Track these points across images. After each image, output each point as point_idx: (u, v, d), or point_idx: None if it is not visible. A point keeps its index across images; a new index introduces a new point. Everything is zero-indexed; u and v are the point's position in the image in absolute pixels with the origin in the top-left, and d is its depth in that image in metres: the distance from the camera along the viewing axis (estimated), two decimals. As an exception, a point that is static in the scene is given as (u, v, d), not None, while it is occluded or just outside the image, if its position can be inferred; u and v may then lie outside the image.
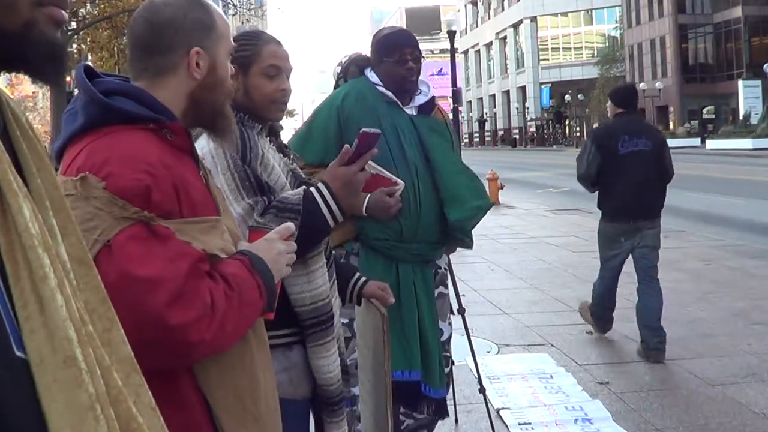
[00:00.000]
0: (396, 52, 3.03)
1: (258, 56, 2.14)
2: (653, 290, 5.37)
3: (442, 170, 3.03)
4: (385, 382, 2.44)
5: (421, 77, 3.17)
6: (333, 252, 2.29)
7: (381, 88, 3.04)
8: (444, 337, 3.18)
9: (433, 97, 3.21)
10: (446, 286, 3.28)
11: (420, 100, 3.14)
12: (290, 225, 1.70)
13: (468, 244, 3.23)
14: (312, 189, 2.05)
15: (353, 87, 3.09)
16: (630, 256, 5.45)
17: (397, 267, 2.98)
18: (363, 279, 2.49)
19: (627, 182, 5.27)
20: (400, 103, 3.06)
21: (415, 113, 3.12)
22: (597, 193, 5.60)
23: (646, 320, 5.28)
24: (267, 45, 2.17)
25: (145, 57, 1.58)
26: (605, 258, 5.64)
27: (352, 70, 3.19)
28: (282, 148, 2.28)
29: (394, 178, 2.86)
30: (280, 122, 2.47)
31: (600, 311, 5.73)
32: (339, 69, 3.27)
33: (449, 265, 3.76)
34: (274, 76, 2.15)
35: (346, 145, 2.10)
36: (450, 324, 3.28)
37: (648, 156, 5.33)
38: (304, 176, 2.23)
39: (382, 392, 2.46)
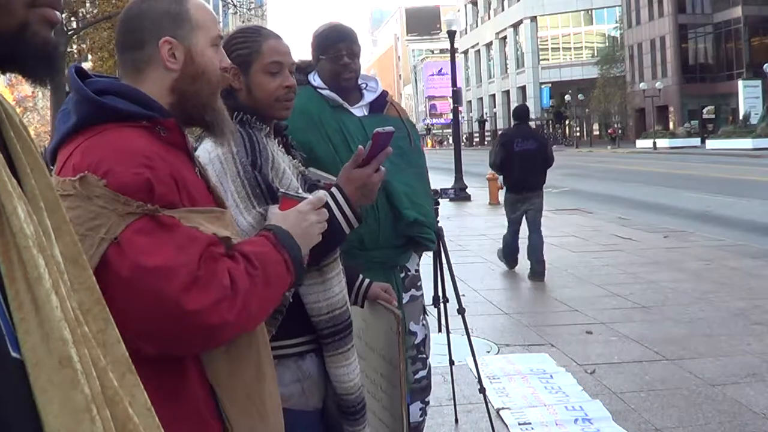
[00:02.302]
0: (330, 48, 2.91)
1: (258, 53, 2.05)
2: (538, 236, 8.37)
3: (388, 176, 2.92)
4: (400, 385, 2.35)
5: (367, 75, 3.06)
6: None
7: (325, 92, 2.93)
8: (418, 340, 3.11)
9: (384, 92, 3.09)
10: (418, 288, 3.17)
11: (369, 96, 3.03)
12: (322, 195, 1.68)
13: (429, 246, 3.12)
14: (325, 193, 1.96)
15: (295, 101, 2.99)
16: (525, 215, 8.58)
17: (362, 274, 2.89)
18: (367, 281, 2.41)
19: (519, 169, 8.39)
20: (346, 104, 2.94)
21: (366, 112, 3.01)
22: (503, 176, 8.85)
23: (535, 255, 8.24)
24: (267, 41, 2.08)
25: (125, 54, 1.59)
26: (511, 217, 8.73)
27: (299, 79, 3.11)
28: (288, 148, 2.19)
29: None
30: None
31: (509, 254, 8.80)
32: None
33: (449, 265, 3.76)
34: (277, 73, 2.06)
35: (360, 146, 2.02)
36: (424, 325, 3.18)
37: (533, 152, 8.43)
38: (313, 179, 2.15)
39: (397, 396, 2.37)
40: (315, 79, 2.97)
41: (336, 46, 2.89)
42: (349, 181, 1.98)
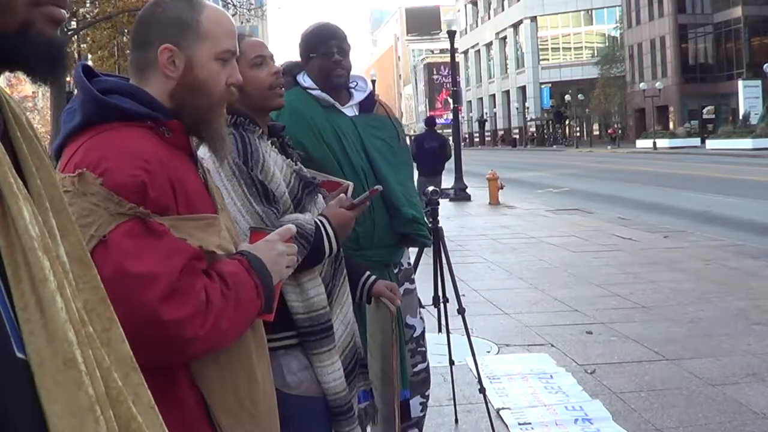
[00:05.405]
0: (321, 45, 2.91)
1: (241, 53, 2.14)
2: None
3: (382, 176, 2.92)
4: (393, 380, 2.45)
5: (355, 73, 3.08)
6: (342, 260, 2.29)
7: (315, 92, 2.92)
8: (417, 333, 3.13)
9: (372, 92, 3.11)
10: (411, 282, 3.19)
11: (359, 96, 3.03)
12: (291, 227, 1.69)
13: (425, 242, 3.15)
14: (318, 221, 2.10)
15: (285, 102, 3.00)
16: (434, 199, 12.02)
17: None
18: (373, 278, 2.50)
19: (426, 160, 12.68)
20: (338, 104, 2.94)
21: (356, 111, 3.01)
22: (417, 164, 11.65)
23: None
24: (242, 39, 2.15)
25: (132, 52, 1.62)
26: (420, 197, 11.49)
27: (286, 80, 3.08)
28: (285, 148, 2.27)
29: (342, 180, 2.82)
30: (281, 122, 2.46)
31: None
32: None
33: (449, 265, 3.76)
34: (262, 64, 2.19)
35: (343, 196, 2.23)
36: (422, 319, 3.21)
37: (436, 149, 13.08)
38: (308, 176, 2.22)
39: (390, 390, 2.47)
40: (305, 80, 2.95)
41: (327, 44, 2.90)
42: (335, 216, 2.16)
